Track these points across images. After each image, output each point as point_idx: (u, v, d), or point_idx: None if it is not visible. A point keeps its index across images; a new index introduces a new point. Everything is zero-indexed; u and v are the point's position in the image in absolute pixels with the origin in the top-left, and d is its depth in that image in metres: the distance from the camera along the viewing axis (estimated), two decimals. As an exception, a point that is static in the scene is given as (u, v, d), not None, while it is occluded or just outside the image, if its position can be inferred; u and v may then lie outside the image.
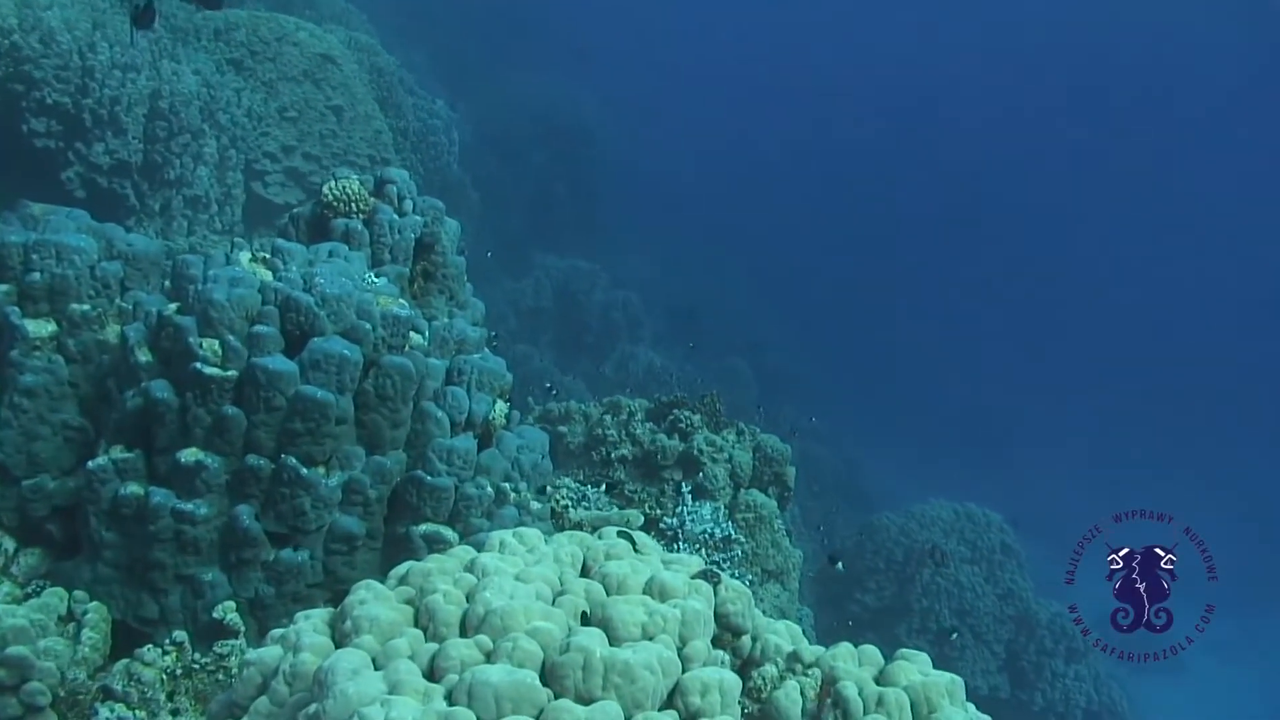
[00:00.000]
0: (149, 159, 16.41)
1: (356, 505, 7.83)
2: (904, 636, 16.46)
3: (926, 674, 5.16)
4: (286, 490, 7.48)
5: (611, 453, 11.48)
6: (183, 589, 7.64)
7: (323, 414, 7.52)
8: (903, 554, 17.34)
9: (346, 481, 7.75)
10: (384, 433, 7.99)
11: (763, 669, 5.20)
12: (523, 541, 5.40)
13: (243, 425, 7.45)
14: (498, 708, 4.14)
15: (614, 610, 4.66)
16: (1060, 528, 24.55)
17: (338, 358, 7.63)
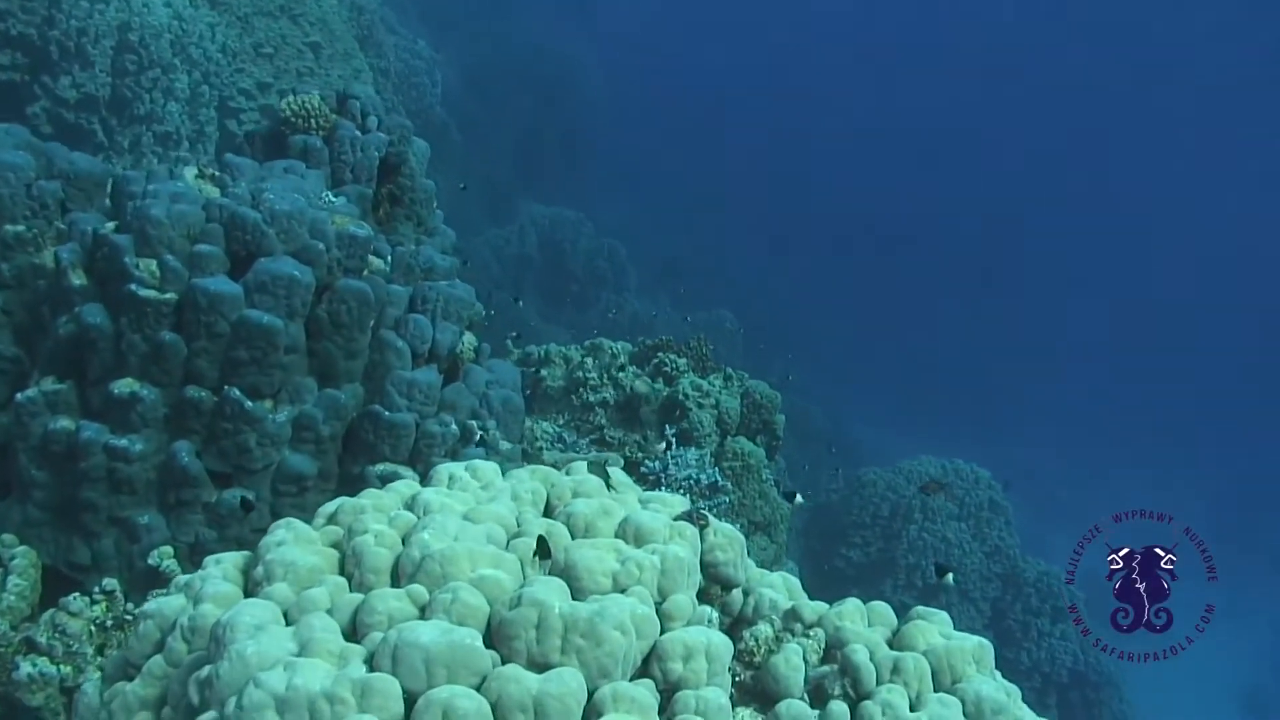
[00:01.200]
0: (118, 93, 15.33)
1: (307, 442, 6.89)
2: (890, 593, 15.64)
3: (949, 636, 4.24)
4: (230, 425, 6.54)
5: (592, 397, 10.54)
6: (117, 533, 6.70)
7: (270, 341, 6.56)
8: (889, 509, 16.50)
9: (296, 416, 6.81)
10: (338, 363, 7.04)
11: (756, 629, 4.27)
12: (476, 476, 4.45)
13: (182, 353, 6.49)
14: (428, 674, 3.21)
15: (579, 556, 3.71)
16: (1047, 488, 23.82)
17: (286, 279, 6.67)
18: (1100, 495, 25.96)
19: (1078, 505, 24.39)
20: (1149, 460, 28.32)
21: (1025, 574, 16.39)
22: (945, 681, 4.07)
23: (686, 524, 4.03)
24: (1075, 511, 23.79)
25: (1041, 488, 22.29)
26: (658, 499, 4.33)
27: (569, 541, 3.85)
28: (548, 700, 3.13)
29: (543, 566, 3.76)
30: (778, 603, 4.44)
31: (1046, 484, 23.52)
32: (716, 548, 4.18)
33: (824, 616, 4.29)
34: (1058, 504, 23.18)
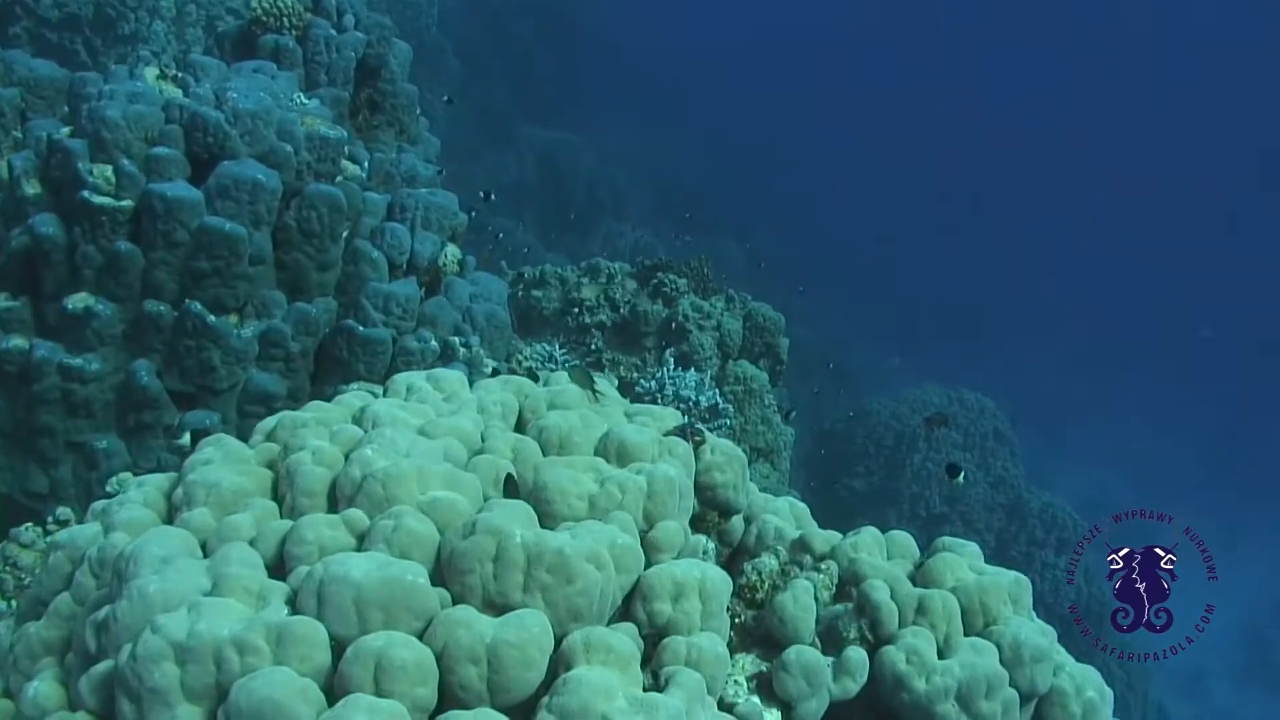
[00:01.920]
0: (101, 13, 14.51)
1: (276, 360, 6.27)
2: (894, 522, 15.04)
3: (981, 571, 3.60)
4: (192, 342, 5.94)
5: (588, 319, 9.86)
6: (74, 459, 6.11)
7: (233, 251, 5.92)
8: (893, 439, 15.88)
9: (264, 332, 6.18)
10: (309, 275, 6.38)
11: (759, 562, 3.63)
12: (439, 387, 3.79)
13: (139, 265, 5.86)
14: (359, 618, 2.57)
15: (550, 477, 3.06)
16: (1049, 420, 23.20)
17: (250, 184, 6.03)
18: (1102, 427, 25.42)
19: (1080, 437, 23.87)
20: (1150, 393, 27.70)
21: (1030, 505, 15.80)
22: (977, 623, 3.45)
23: (679, 440, 3.37)
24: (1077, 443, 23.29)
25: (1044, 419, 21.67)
26: (646, 412, 3.66)
27: (539, 459, 3.20)
28: (504, 650, 2.50)
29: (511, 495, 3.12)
30: (784, 532, 3.80)
31: (1049, 416, 22.89)
32: (713, 468, 3.52)
33: (837, 548, 3.65)
34: (1060, 436, 22.61)
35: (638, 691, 2.52)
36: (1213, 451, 25.84)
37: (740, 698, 3.01)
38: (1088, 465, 22.63)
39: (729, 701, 2.98)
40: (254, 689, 2.41)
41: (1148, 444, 25.04)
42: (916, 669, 3.18)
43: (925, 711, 3.17)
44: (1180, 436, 26.21)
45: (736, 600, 3.61)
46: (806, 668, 3.03)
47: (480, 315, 6.81)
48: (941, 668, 3.19)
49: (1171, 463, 24.43)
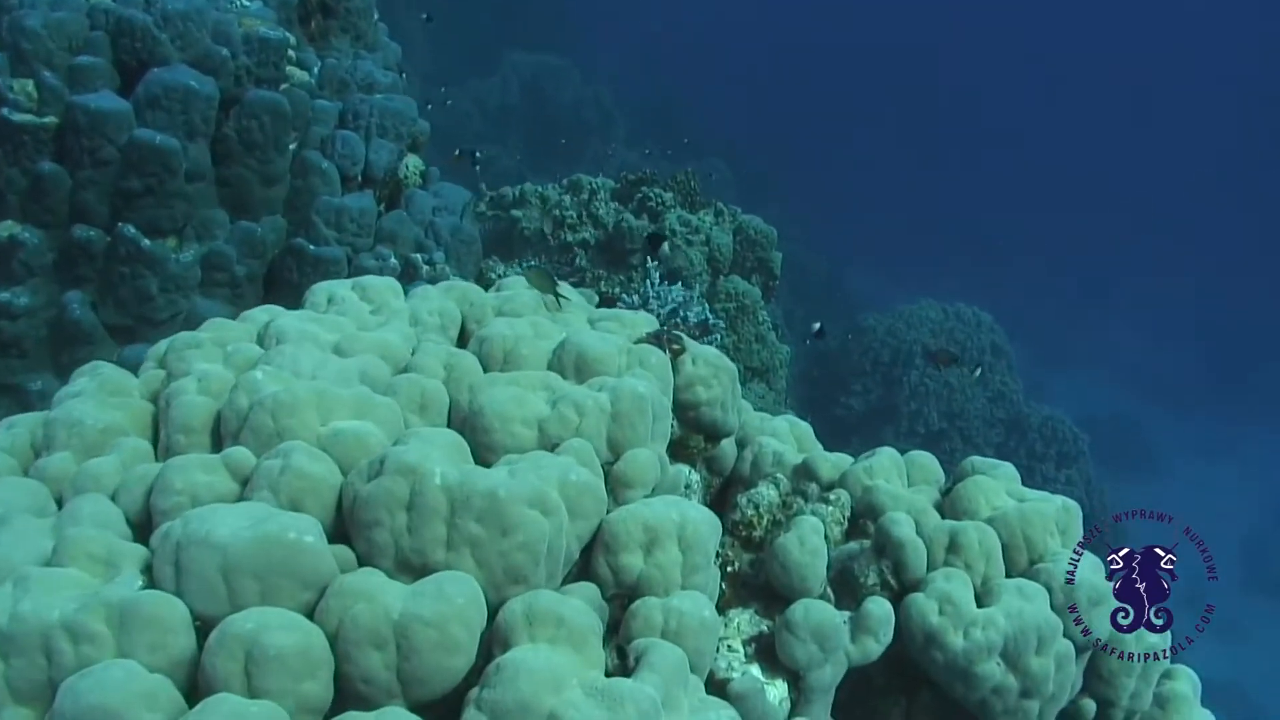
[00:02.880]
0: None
1: (220, 286, 5.60)
2: (891, 440, 14.40)
3: (1022, 497, 2.92)
4: (126, 269, 5.30)
5: (571, 237, 9.09)
6: (8, 401, 5.46)
7: (166, 166, 5.24)
8: (890, 355, 15.16)
9: (205, 255, 5.51)
10: (253, 191, 5.67)
11: (756, 493, 2.94)
12: (366, 296, 3.06)
13: (65, 186, 5.20)
14: (229, 590, 1.89)
15: (487, 399, 2.35)
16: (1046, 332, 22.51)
17: (182, 91, 5.33)
18: (1100, 338, 24.72)
19: (1077, 349, 23.19)
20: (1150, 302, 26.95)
21: (1030, 419, 15.12)
22: (1021, 561, 2.77)
23: (653, 349, 2.65)
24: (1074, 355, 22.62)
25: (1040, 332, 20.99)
26: (614, 317, 2.93)
27: (477, 377, 2.48)
28: (417, 629, 1.81)
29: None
30: (784, 457, 3.11)
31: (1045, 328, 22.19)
32: (697, 381, 2.80)
33: (848, 474, 2.96)
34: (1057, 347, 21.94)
35: (598, 676, 1.84)
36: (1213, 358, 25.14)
37: (735, 670, 2.33)
38: (1086, 377, 21.98)
39: (721, 677, 2.30)
40: (82, 692, 1.74)
41: (1147, 353, 24.37)
42: (951, 621, 2.51)
43: (963, 673, 2.50)
44: (1179, 344, 25.50)
45: (729, 541, 2.93)
46: (818, 628, 2.34)
47: (445, 230, 6.06)
48: (982, 618, 2.52)
49: (1171, 371, 23.77)
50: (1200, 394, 23.03)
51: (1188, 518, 10.07)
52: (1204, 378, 24.00)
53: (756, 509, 2.94)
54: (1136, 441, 20.28)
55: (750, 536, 2.94)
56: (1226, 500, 19.15)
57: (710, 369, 2.80)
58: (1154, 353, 24.71)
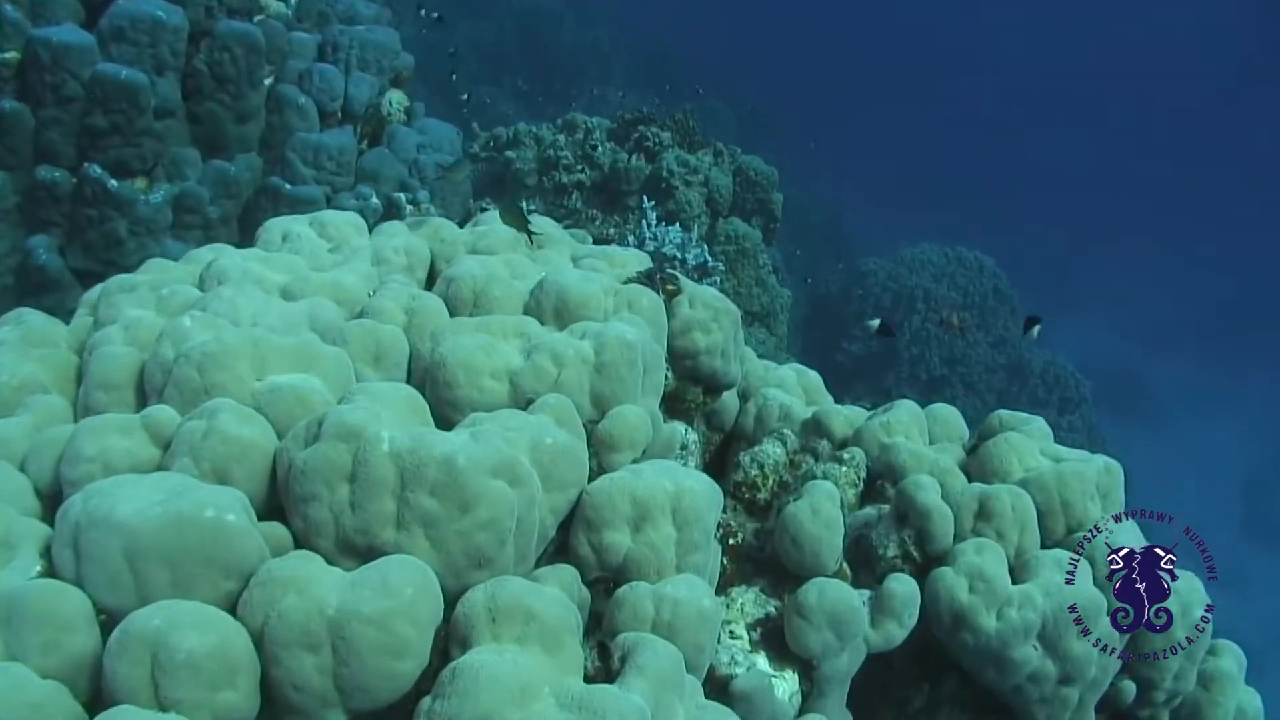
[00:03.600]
0: None
1: (193, 229, 5.29)
2: (892, 386, 14.08)
3: (1057, 456, 2.58)
4: (94, 212, 5.04)
5: (566, 177, 8.68)
6: (-27, 348, 5.02)
7: (133, 102, 4.95)
8: (891, 300, 14.77)
9: (177, 196, 5.21)
10: (226, 128, 5.32)
11: (761, 451, 2.60)
12: (325, 233, 2.70)
13: (28, 125, 4.90)
14: (135, 580, 1.55)
15: (451, 347, 1.99)
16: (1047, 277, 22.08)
17: (149, 22, 5.05)
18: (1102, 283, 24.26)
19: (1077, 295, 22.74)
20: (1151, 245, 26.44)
21: (1031, 364, 14.74)
22: (1057, 529, 2.44)
23: (644, 290, 2.29)
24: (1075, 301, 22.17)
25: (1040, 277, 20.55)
26: (601, 255, 2.56)
27: (442, 322, 2.12)
28: (355, 628, 1.48)
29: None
30: (791, 410, 2.76)
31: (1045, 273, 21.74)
32: (694, 326, 2.44)
33: (863, 430, 2.62)
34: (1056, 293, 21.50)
35: (575, 683, 1.50)
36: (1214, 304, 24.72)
37: (739, 663, 1.99)
38: (1087, 322, 21.55)
39: (723, 673, 1.97)
40: (-49, 705, 1.41)
41: (1147, 298, 23.94)
42: (984, 600, 2.18)
43: (995, 657, 2.18)
44: (1180, 288, 25.05)
45: (730, 506, 2.60)
46: (834, 613, 2.01)
47: (430, 168, 5.67)
48: (1018, 597, 2.19)
49: (1172, 315, 23.35)
50: (1201, 340, 22.63)
51: (1188, 465, 9.78)
52: (1205, 323, 23.59)
53: (761, 469, 2.61)
54: (1137, 388, 19.95)
55: (754, 499, 2.61)
56: (1227, 447, 18.88)
57: (710, 312, 2.44)
58: (1155, 299, 24.26)
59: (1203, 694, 2.59)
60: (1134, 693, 2.46)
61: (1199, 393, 20.88)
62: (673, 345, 2.40)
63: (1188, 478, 16.63)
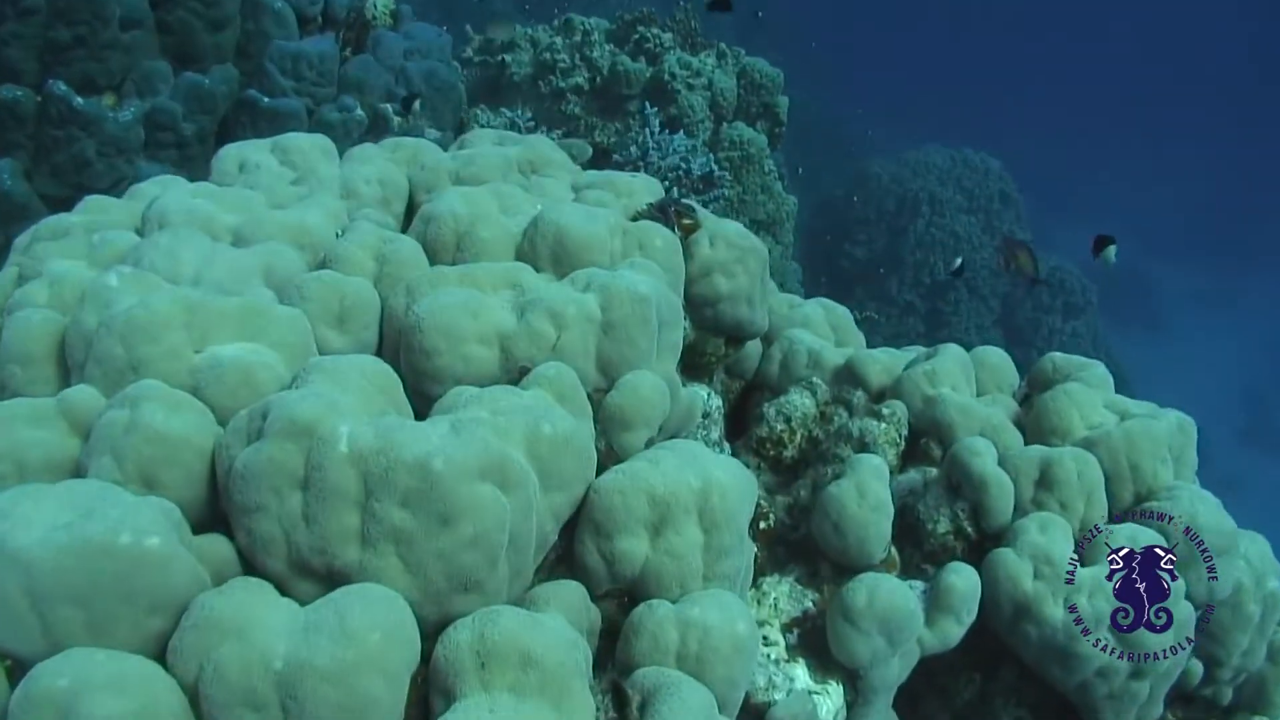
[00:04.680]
0: None
1: (167, 147, 4.91)
2: (895, 291, 13.68)
3: (1125, 413, 2.24)
4: (60, 132, 4.62)
5: (563, 82, 8.17)
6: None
7: (97, 13, 4.60)
8: (894, 203, 14.25)
9: (148, 112, 4.82)
10: (199, 38, 4.89)
11: (787, 402, 2.27)
12: (287, 160, 2.31)
13: None
14: (41, 623, 1.24)
15: (429, 307, 1.63)
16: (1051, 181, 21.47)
17: None
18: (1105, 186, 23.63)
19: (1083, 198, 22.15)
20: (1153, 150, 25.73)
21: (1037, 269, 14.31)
22: (1124, 495, 2.11)
23: (656, 228, 1.91)
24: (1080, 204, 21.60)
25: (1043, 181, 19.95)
26: (605, 182, 2.17)
27: (420, 273, 1.76)
28: (308, 686, 1.15)
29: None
30: (821, 355, 2.41)
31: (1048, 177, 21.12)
32: (715, 269, 2.07)
33: (904, 380, 2.28)
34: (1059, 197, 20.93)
35: (584, 742, 1.19)
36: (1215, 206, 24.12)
37: (777, 686, 1.66)
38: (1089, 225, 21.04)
39: (759, 700, 1.65)
40: None
41: (1148, 201, 23.35)
42: (1050, 586, 1.87)
43: (1061, 652, 1.87)
44: (1181, 192, 24.43)
45: (755, 464, 2.28)
46: (886, 616, 1.69)
47: (417, 75, 5.21)
48: (1088, 582, 1.87)
49: (1173, 219, 22.78)
50: (1203, 244, 22.10)
51: (1191, 369, 9.44)
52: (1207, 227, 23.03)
53: (788, 422, 2.28)
54: (1139, 292, 19.53)
55: (780, 457, 2.29)
56: (1228, 352, 18.54)
57: (734, 252, 2.06)
58: (1156, 202, 23.64)
59: (1270, 668, 2.30)
60: (1201, 673, 2.18)
61: (1201, 297, 20.49)
62: (690, 291, 2.04)
63: (1189, 380, 16.33)
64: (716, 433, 2.08)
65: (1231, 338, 19.04)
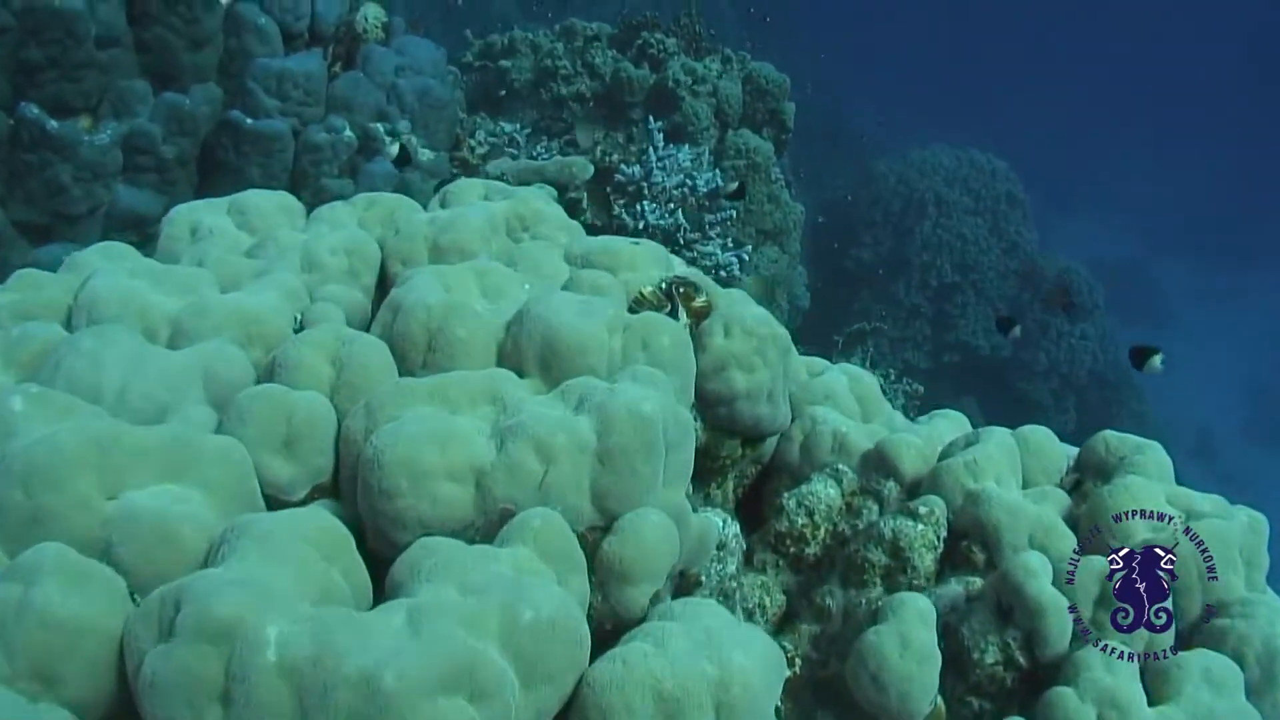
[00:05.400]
0: None
1: (146, 171, 4.67)
2: (903, 294, 13.37)
3: (1190, 508, 1.95)
4: (33, 157, 4.44)
5: (564, 89, 7.87)
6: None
7: (70, 31, 4.43)
8: (901, 205, 13.94)
9: (126, 135, 4.58)
10: (179, 56, 4.65)
11: (809, 493, 1.99)
12: (245, 222, 2.02)
13: None
14: None
15: (388, 440, 1.34)
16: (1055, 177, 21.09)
17: None
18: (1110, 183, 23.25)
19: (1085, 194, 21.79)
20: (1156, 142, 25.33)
21: (1044, 270, 13.94)
22: (1192, 609, 1.83)
23: (661, 323, 1.62)
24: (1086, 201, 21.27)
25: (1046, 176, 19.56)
26: (604, 253, 1.88)
27: (385, 389, 1.47)
28: None
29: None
30: (848, 438, 2.13)
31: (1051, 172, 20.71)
32: (731, 362, 1.78)
33: (942, 471, 1.99)
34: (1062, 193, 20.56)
35: None
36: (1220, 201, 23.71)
37: None
38: (1095, 221, 20.69)
39: None
40: None
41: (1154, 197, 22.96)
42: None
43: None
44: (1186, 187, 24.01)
45: (773, 562, 2.01)
46: None
47: (409, 93, 4.92)
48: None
49: (1179, 214, 22.39)
50: (1209, 240, 21.72)
51: (1195, 366, 9.12)
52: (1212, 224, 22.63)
53: (810, 516, 2.01)
54: (1144, 288, 19.18)
55: (801, 555, 2.01)
56: (1232, 348, 18.21)
57: (752, 342, 1.78)
58: (1162, 198, 23.24)
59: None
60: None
61: (1206, 292, 20.16)
62: (702, 388, 1.76)
63: (1195, 374, 15.99)
64: (734, 565, 1.79)
65: (1237, 333, 18.70)
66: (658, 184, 5.82)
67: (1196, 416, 15.89)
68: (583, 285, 1.73)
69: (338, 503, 1.45)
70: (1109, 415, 13.71)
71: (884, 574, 1.94)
